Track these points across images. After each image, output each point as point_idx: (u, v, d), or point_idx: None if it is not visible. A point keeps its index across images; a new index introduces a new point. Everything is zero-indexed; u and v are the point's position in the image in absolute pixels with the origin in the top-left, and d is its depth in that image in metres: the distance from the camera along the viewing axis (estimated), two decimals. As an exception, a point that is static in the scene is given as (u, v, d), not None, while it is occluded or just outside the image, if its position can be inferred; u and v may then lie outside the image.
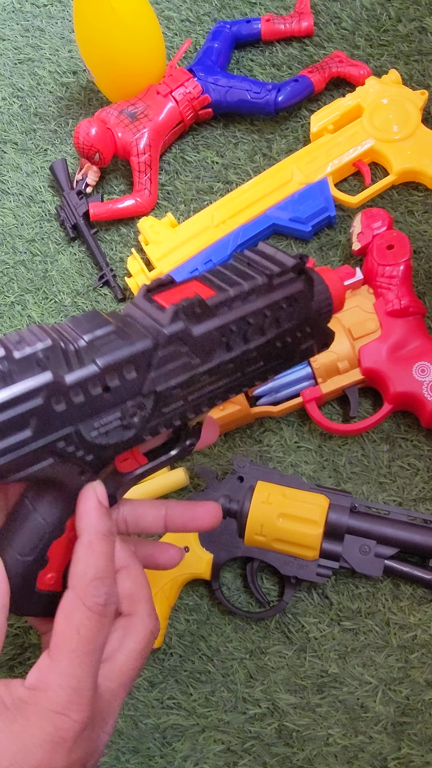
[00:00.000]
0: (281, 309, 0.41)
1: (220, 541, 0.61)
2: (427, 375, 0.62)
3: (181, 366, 0.38)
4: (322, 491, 0.61)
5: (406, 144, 0.71)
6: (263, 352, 0.41)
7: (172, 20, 0.89)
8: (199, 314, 0.38)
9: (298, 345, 0.42)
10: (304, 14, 0.82)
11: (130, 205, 0.78)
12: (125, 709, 0.62)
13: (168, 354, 0.38)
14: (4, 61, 0.93)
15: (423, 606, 0.60)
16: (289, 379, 0.64)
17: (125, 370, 0.36)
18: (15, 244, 0.82)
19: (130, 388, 0.37)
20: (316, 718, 0.59)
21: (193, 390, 0.39)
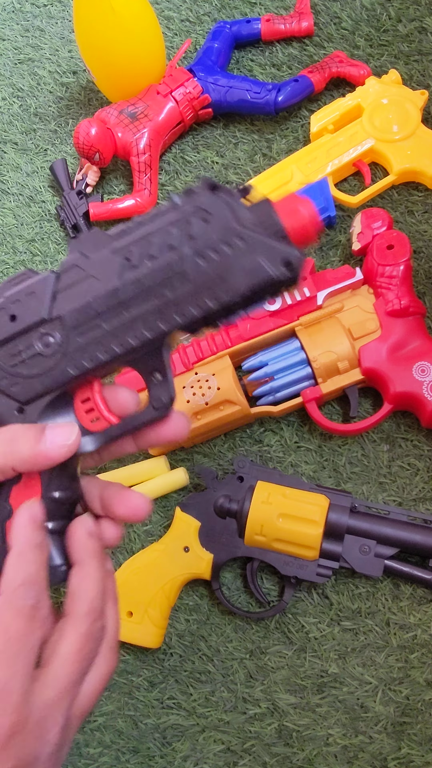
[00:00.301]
0: (189, 224, 0.38)
1: (220, 541, 0.61)
2: (427, 375, 0.62)
3: (82, 290, 0.39)
4: (322, 491, 0.61)
5: (406, 144, 0.71)
6: (179, 269, 0.38)
7: (172, 20, 0.89)
8: (97, 242, 0.40)
9: (236, 262, 0.37)
10: (304, 14, 0.82)
11: (130, 205, 0.78)
12: (125, 709, 0.62)
13: (69, 281, 0.40)
14: (4, 61, 0.93)
15: (423, 606, 0.61)
16: (289, 379, 0.64)
17: (27, 298, 0.40)
18: (15, 244, 0.82)
19: (33, 314, 0.40)
20: (316, 718, 0.59)
21: (105, 316, 0.39)
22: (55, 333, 0.40)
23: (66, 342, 0.40)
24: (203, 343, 0.66)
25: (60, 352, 0.40)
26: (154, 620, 0.61)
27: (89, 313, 0.39)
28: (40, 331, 0.40)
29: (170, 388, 0.40)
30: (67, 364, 0.40)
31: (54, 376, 0.40)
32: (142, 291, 0.39)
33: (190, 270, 0.38)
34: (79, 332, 0.40)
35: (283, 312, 0.65)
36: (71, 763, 0.62)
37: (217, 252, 0.37)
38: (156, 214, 0.39)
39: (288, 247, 0.37)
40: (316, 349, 0.63)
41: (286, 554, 0.59)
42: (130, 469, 0.67)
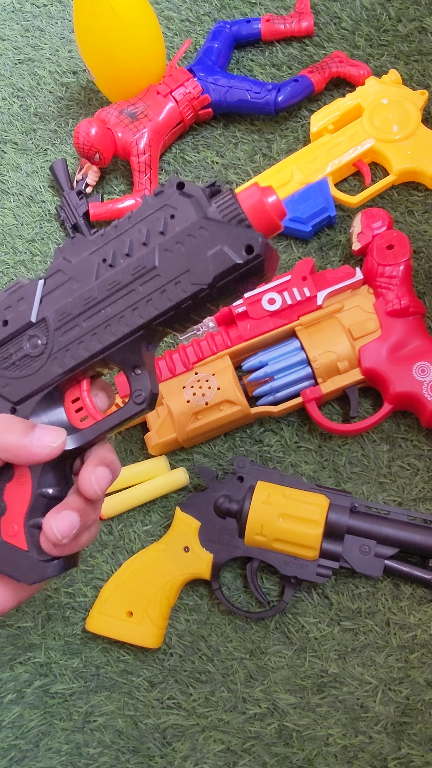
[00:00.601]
0: (157, 220, 0.40)
1: (220, 541, 0.61)
2: (427, 375, 0.62)
3: (64, 292, 0.42)
4: (322, 491, 0.61)
5: (406, 144, 0.71)
6: (150, 263, 0.40)
7: (172, 20, 0.89)
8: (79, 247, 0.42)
9: (200, 251, 0.38)
10: (304, 14, 0.82)
11: (130, 205, 0.78)
12: (125, 709, 0.62)
13: (53, 285, 0.42)
14: (4, 61, 0.93)
15: (423, 606, 0.61)
16: (289, 379, 0.64)
17: (17, 304, 0.43)
18: (15, 244, 0.82)
19: (21, 318, 0.42)
20: (316, 718, 0.59)
21: (84, 315, 0.41)
22: (41, 335, 0.42)
23: (51, 342, 0.42)
24: (203, 343, 0.66)
25: (46, 352, 0.42)
26: (154, 620, 0.61)
27: (69, 313, 0.42)
28: (29, 334, 0.42)
29: (149, 382, 0.41)
30: (53, 363, 0.42)
31: (42, 376, 0.42)
32: (116, 288, 0.41)
33: (159, 264, 0.40)
34: (62, 332, 0.42)
35: (283, 312, 0.65)
36: (71, 763, 0.62)
37: (182, 244, 0.39)
38: (130, 216, 0.41)
39: (249, 232, 0.38)
40: (316, 349, 0.63)
41: (286, 554, 0.59)
42: (130, 469, 0.67)
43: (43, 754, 0.62)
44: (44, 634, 0.66)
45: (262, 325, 0.65)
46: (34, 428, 0.41)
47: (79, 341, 0.42)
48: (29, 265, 0.81)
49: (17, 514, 0.42)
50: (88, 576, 0.66)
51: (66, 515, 0.41)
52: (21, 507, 0.42)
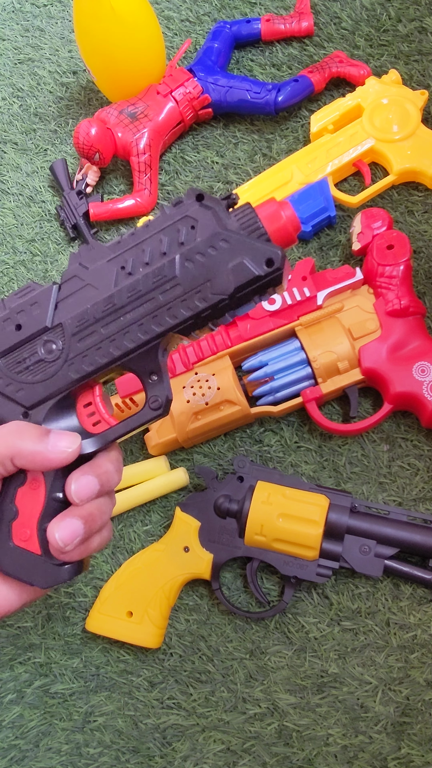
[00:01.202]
0: (178, 231, 0.40)
1: (220, 541, 0.61)
2: (427, 375, 0.62)
3: (81, 298, 0.42)
4: (322, 491, 0.61)
5: (406, 144, 0.71)
6: (170, 273, 0.40)
7: (172, 20, 0.89)
8: (95, 254, 0.42)
9: (221, 263, 0.40)
10: (304, 14, 0.82)
11: (130, 205, 0.78)
12: (125, 709, 0.62)
13: (69, 291, 0.42)
14: (4, 61, 0.93)
15: (423, 606, 0.60)
16: (289, 379, 0.64)
17: (31, 308, 0.43)
18: (15, 244, 0.82)
19: (37, 322, 0.42)
20: (316, 718, 0.59)
21: (103, 322, 0.42)
22: (57, 340, 0.42)
23: (67, 348, 0.42)
24: (203, 343, 0.66)
25: (62, 357, 0.42)
26: (154, 620, 0.61)
27: (88, 319, 0.42)
28: (44, 339, 0.42)
29: (166, 388, 0.42)
30: (69, 369, 0.42)
31: (57, 381, 0.42)
32: (136, 296, 0.41)
33: (180, 273, 0.40)
34: (79, 338, 0.42)
35: (283, 312, 0.65)
36: (71, 763, 0.62)
37: (203, 255, 0.40)
38: (148, 226, 0.41)
39: (270, 246, 0.39)
40: (316, 349, 0.63)
41: (286, 554, 0.59)
42: (130, 469, 0.67)
43: (43, 754, 0.62)
44: (44, 634, 0.66)
45: (262, 325, 0.65)
46: (48, 434, 0.41)
47: (97, 347, 0.42)
48: (29, 265, 0.81)
49: (30, 518, 0.42)
50: (88, 576, 0.66)
51: (69, 523, 0.41)
52: (34, 511, 0.42)
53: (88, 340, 0.42)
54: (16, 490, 0.43)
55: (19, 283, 0.80)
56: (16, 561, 0.42)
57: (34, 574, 0.42)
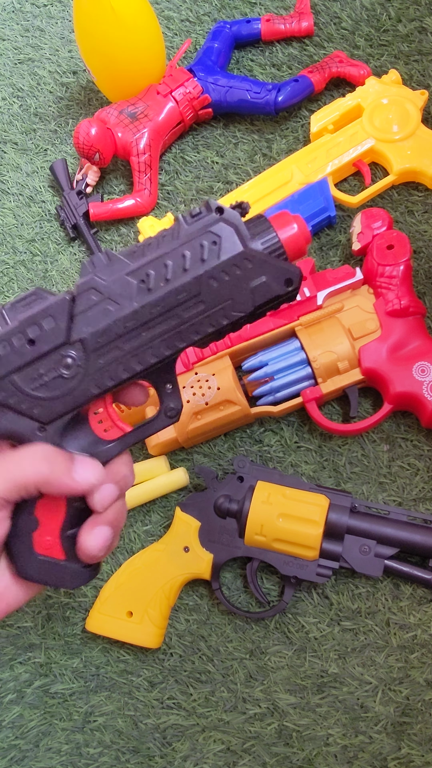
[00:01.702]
0: (201, 247, 0.41)
1: (220, 541, 0.61)
2: (427, 375, 0.62)
3: (101, 313, 0.41)
4: (322, 491, 0.61)
5: (406, 144, 0.71)
6: (195, 290, 0.41)
7: (172, 20, 0.89)
8: (111, 265, 0.41)
9: (244, 282, 0.41)
10: (304, 14, 0.82)
11: (130, 205, 0.78)
12: (125, 709, 0.62)
13: (86, 304, 0.41)
14: (4, 61, 0.93)
15: (423, 606, 0.60)
16: (289, 379, 0.64)
17: (44, 322, 0.41)
18: (15, 244, 0.82)
19: (53, 337, 0.41)
20: (316, 718, 0.59)
21: (125, 337, 0.42)
22: (76, 355, 0.41)
23: (87, 363, 0.41)
24: (203, 343, 0.66)
25: (81, 373, 0.42)
26: (154, 620, 0.61)
27: (110, 335, 0.41)
28: (60, 354, 0.41)
29: (179, 397, 0.43)
30: (89, 384, 0.42)
31: (75, 396, 0.42)
32: (159, 313, 0.41)
33: (204, 291, 0.41)
34: (100, 354, 0.42)
35: (283, 312, 0.65)
36: (71, 763, 0.62)
37: (227, 274, 0.41)
38: (165, 236, 0.41)
39: (289, 266, 0.41)
40: (316, 349, 0.63)
41: (286, 554, 0.59)
42: (130, 469, 0.67)
43: (43, 754, 0.62)
44: (44, 634, 0.66)
45: (262, 325, 0.65)
46: (73, 462, 0.42)
47: (119, 362, 0.42)
48: (29, 265, 0.81)
49: (52, 527, 0.43)
50: (88, 576, 0.66)
51: (101, 531, 0.42)
52: (56, 520, 0.43)
53: (109, 355, 0.42)
54: (36, 503, 0.43)
55: (19, 284, 0.80)
56: (41, 568, 0.43)
57: (61, 578, 0.43)
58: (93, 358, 0.41)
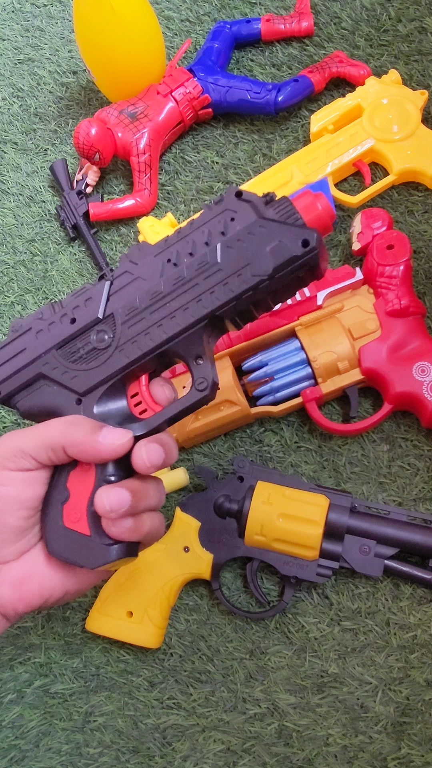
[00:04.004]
0: (220, 223, 0.44)
1: (220, 541, 0.61)
2: (427, 375, 0.62)
3: (131, 289, 0.45)
4: (322, 491, 0.61)
5: (406, 144, 0.71)
6: (212, 260, 0.43)
7: (172, 20, 0.89)
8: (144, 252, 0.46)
9: (260, 247, 0.42)
10: (304, 14, 0.82)
11: (130, 205, 0.78)
12: (125, 709, 0.62)
13: (120, 285, 0.46)
14: (4, 61, 0.93)
15: (423, 606, 0.61)
16: (289, 379, 0.64)
17: (85, 303, 0.47)
18: (15, 244, 0.82)
19: (90, 314, 0.46)
20: (316, 718, 0.59)
21: (151, 308, 0.45)
22: (108, 329, 0.46)
23: (118, 335, 0.45)
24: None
25: (113, 345, 0.45)
26: (154, 620, 0.61)
27: (136, 307, 0.45)
28: (96, 329, 0.46)
29: (212, 371, 0.44)
30: (120, 354, 0.45)
31: (109, 366, 0.45)
32: (181, 283, 0.44)
33: (221, 259, 0.43)
34: (129, 325, 0.45)
35: (283, 312, 0.65)
36: (71, 763, 0.62)
37: (242, 241, 0.43)
38: (192, 222, 0.45)
39: (305, 228, 0.42)
40: (316, 349, 0.63)
41: (286, 554, 0.59)
42: (130, 469, 0.67)
43: (43, 754, 0.62)
44: (44, 634, 0.66)
45: (262, 325, 0.65)
46: (102, 428, 0.44)
47: (146, 332, 0.45)
48: (29, 265, 0.81)
49: (81, 500, 0.44)
50: (88, 576, 0.66)
51: (117, 491, 0.43)
52: (84, 493, 0.44)
53: (137, 326, 0.45)
54: (69, 474, 0.45)
55: (19, 284, 0.80)
56: (65, 542, 0.44)
57: (83, 554, 0.44)
58: (123, 330, 0.45)
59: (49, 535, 0.45)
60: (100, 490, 0.43)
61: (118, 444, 0.43)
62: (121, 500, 0.43)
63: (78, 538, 0.44)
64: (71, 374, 0.46)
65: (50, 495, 0.45)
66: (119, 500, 0.43)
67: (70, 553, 0.44)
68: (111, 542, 0.44)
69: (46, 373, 0.47)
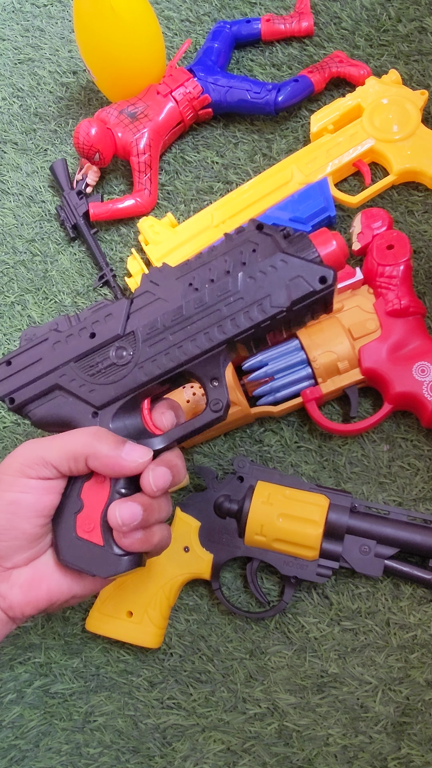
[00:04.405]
0: (241, 253, 0.46)
1: (220, 541, 0.61)
2: (427, 375, 0.62)
3: (152, 309, 0.47)
4: (322, 491, 0.61)
5: (406, 144, 0.71)
6: (234, 288, 0.46)
7: (172, 20, 0.89)
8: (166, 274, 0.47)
9: (280, 279, 0.45)
10: (304, 14, 0.82)
11: (130, 205, 0.78)
12: (125, 709, 0.62)
13: (141, 304, 0.47)
14: (4, 61, 0.93)
15: (423, 606, 0.61)
16: (289, 379, 0.64)
17: (105, 319, 0.48)
18: (15, 244, 0.82)
19: (110, 331, 0.47)
20: (316, 718, 0.59)
21: (171, 330, 0.46)
22: (129, 346, 0.47)
23: (138, 352, 0.47)
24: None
25: (132, 361, 0.47)
26: (154, 620, 0.61)
27: (158, 327, 0.47)
28: (116, 345, 0.47)
29: (226, 393, 0.47)
30: (139, 372, 0.47)
31: (127, 383, 0.47)
32: (202, 308, 0.46)
33: (242, 288, 0.46)
34: (150, 344, 0.47)
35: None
36: (71, 763, 0.62)
37: (264, 273, 0.45)
38: (212, 249, 0.47)
39: (324, 267, 0.45)
40: (316, 349, 0.63)
41: (286, 554, 0.59)
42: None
43: (43, 754, 0.62)
44: (44, 634, 0.66)
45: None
46: (124, 444, 0.45)
47: (166, 352, 0.46)
48: (29, 265, 0.81)
49: (94, 511, 0.46)
50: (88, 576, 0.66)
51: (130, 505, 0.45)
52: (99, 505, 0.46)
53: (157, 345, 0.46)
54: (83, 484, 0.46)
55: (19, 284, 0.80)
56: (78, 552, 0.46)
57: (95, 564, 0.45)
58: (143, 348, 0.47)
59: (62, 545, 0.46)
60: (114, 504, 0.45)
61: (140, 462, 0.45)
62: (133, 514, 0.44)
63: (91, 548, 0.46)
64: (89, 387, 0.47)
65: (63, 505, 0.46)
66: (132, 514, 0.44)
67: (82, 562, 0.46)
68: (123, 553, 0.46)
69: (63, 385, 0.48)
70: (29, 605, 0.46)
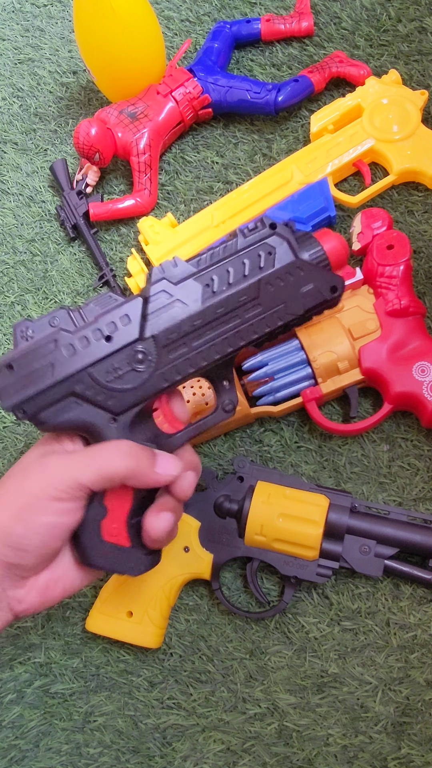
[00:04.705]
0: (258, 257, 0.46)
1: (220, 541, 0.61)
2: (427, 375, 0.62)
3: (171, 312, 0.46)
4: (322, 491, 0.61)
5: (406, 144, 0.71)
6: (253, 294, 0.47)
7: (172, 20, 0.89)
8: (180, 271, 0.47)
9: (296, 288, 0.47)
10: (304, 14, 0.82)
11: (130, 205, 0.78)
12: (125, 709, 0.62)
13: (158, 305, 0.46)
14: (4, 61, 0.93)
15: (423, 606, 0.61)
16: (289, 379, 0.64)
17: (119, 320, 0.46)
18: (15, 244, 0.82)
19: (128, 334, 0.46)
20: (316, 718, 0.59)
21: (192, 335, 0.46)
22: (148, 350, 0.46)
23: (158, 358, 0.46)
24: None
25: (152, 367, 0.46)
26: (154, 620, 0.61)
27: (179, 332, 0.46)
28: (134, 349, 0.46)
29: (236, 393, 0.48)
30: (158, 378, 0.46)
31: (146, 388, 0.46)
32: (223, 313, 0.46)
33: (262, 295, 0.47)
34: (170, 349, 0.46)
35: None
36: (71, 763, 0.62)
37: (281, 280, 0.47)
38: (226, 246, 0.47)
39: (335, 276, 0.47)
40: (316, 349, 0.63)
41: (286, 554, 0.59)
42: (130, 469, 0.67)
43: (43, 754, 0.62)
44: (44, 634, 0.66)
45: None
46: (156, 457, 0.46)
47: (185, 358, 0.46)
48: (29, 265, 0.81)
49: (119, 516, 0.47)
50: (88, 576, 0.66)
51: (165, 516, 0.47)
52: (123, 509, 0.47)
53: (177, 351, 0.46)
54: (106, 493, 0.46)
55: (19, 284, 0.80)
56: (106, 555, 0.47)
57: (126, 565, 0.47)
58: (164, 353, 0.46)
59: (90, 551, 0.47)
60: (150, 517, 0.46)
61: (174, 474, 0.46)
62: (169, 524, 0.47)
63: (119, 550, 0.47)
64: (107, 395, 0.46)
65: (88, 513, 0.47)
66: (168, 524, 0.47)
67: (112, 564, 0.47)
68: (148, 551, 0.48)
69: (80, 393, 0.46)
70: (43, 605, 0.47)
